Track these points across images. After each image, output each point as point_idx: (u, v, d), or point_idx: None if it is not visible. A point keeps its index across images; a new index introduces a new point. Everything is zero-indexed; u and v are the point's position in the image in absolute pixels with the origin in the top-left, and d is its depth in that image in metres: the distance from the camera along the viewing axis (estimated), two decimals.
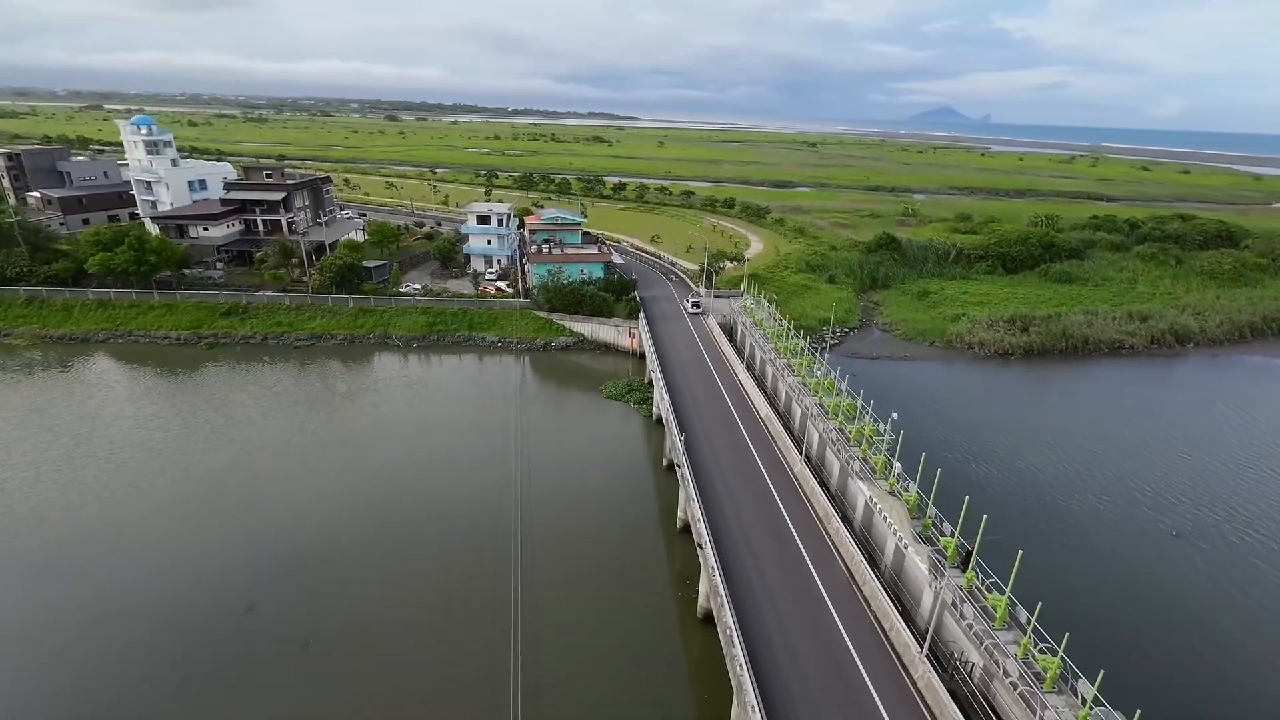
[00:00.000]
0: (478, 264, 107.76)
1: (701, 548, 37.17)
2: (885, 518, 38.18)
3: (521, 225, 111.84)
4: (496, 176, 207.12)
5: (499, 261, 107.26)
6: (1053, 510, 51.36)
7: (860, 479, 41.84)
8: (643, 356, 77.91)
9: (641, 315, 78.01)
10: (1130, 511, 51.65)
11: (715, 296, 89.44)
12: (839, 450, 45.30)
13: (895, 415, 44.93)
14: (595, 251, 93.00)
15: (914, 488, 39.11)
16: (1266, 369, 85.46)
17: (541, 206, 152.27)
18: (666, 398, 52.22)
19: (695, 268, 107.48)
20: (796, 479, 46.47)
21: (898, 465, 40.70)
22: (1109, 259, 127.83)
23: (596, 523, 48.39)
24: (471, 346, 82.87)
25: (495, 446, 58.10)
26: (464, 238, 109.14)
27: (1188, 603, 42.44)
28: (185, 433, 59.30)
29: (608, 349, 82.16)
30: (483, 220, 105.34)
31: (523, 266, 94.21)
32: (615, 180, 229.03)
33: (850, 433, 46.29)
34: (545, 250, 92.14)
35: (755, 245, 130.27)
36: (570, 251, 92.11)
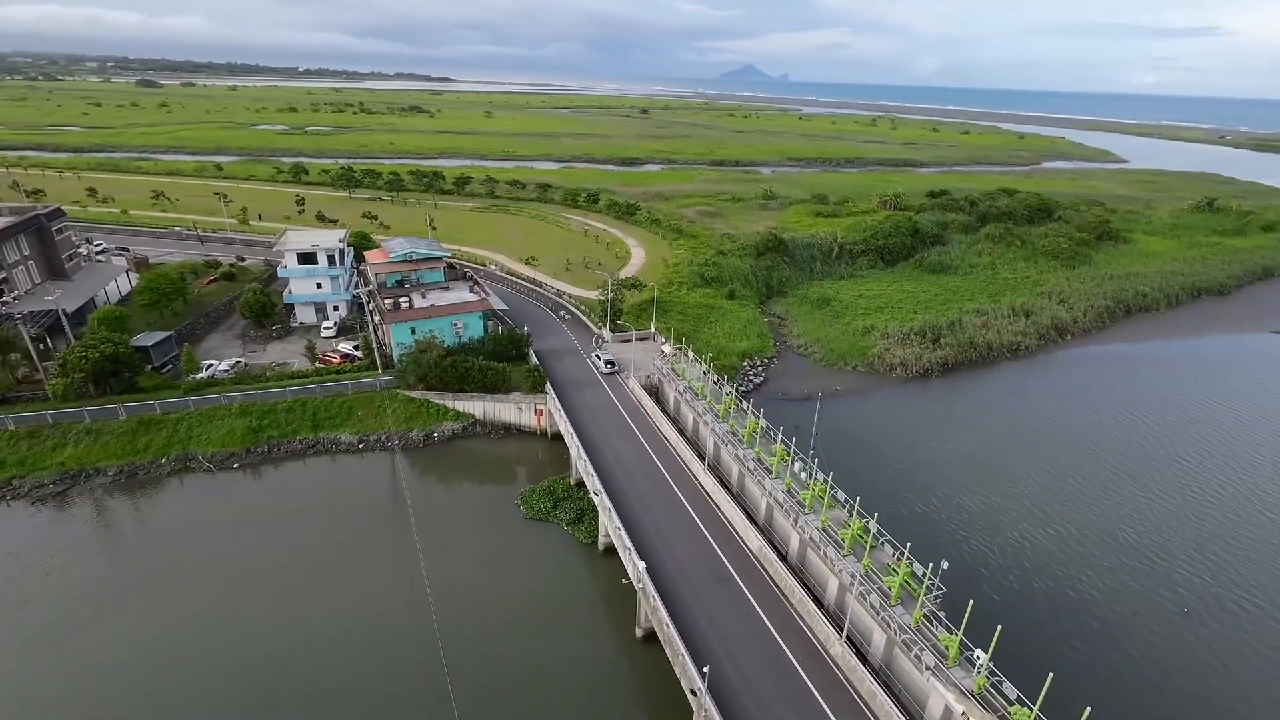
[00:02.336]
0: (306, 314, 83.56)
1: None
2: None
3: (361, 259, 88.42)
4: (306, 172, 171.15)
5: (335, 309, 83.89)
6: (1082, 614, 46.20)
7: (935, 676, 32.08)
8: (555, 436, 62.89)
9: (550, 389, 62.11)
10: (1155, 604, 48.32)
11: (623, 341, 75.74)
12: (883, 619, 35.24)
13: (946, 564, 35.83)
14: (470, 298, 74.02)
15: (1012, 687, 30.10)
16: (1135, 359, 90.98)
17: (375, 218, 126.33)
18: (641, 565, 38.45)
19: (588, 295, 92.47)
20: (837, 664, 35.82)
21: (981, 655, 31.45)
22: (965, 241, 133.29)
23: None
24: (321, 451, 61.60)
25: (388, 634, 40.94)
26: (282, 280, 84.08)
27: None
28: None
29: (508, 430, 65.41)
30: (306, 259, 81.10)
31: (375, 323, 72.93)
32: (453, 165, 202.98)
33: (890, 588, 36.42)
34: (404, 302, 71.52)
35: (636, 253, 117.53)
36: (437, 302, 72.42)
